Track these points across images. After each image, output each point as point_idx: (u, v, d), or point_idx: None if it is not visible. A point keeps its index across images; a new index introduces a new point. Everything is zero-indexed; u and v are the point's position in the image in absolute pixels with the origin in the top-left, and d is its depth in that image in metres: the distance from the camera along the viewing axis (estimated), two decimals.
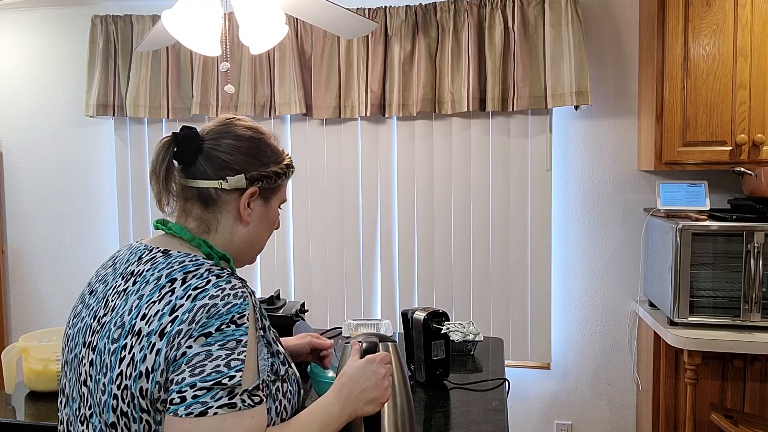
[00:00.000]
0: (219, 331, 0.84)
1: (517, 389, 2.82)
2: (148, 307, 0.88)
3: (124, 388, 0.85)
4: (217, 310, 0.85)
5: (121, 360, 0.86)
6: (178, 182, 0.99)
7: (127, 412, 0.85)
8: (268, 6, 1.64)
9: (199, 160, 0.98)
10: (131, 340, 0.86)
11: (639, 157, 2.62)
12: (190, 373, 0.81)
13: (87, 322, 0.95)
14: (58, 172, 3.18)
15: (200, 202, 0.99)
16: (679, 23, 2.28)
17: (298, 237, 2.92)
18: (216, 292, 0.87)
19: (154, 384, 0.83)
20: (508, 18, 2.57)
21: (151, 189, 0.99)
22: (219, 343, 0.83)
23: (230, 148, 0.99)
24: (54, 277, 3.23)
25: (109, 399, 0.86)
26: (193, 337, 0.83)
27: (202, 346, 0.83)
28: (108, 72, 2.92)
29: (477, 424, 1.40)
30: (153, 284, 0.90)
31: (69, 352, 0.97)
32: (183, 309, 0.85)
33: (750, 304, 2.09)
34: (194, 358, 0.82)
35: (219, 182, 0.97)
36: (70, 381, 0.96)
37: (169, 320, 0.85)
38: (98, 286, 0.99)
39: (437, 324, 1.66)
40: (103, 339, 0.90)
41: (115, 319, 0.90)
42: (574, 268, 2.74)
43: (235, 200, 1.00)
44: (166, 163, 0.97)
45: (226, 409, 0.81)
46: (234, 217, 1.01)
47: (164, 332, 0.84)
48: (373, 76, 2.68)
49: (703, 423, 2.17)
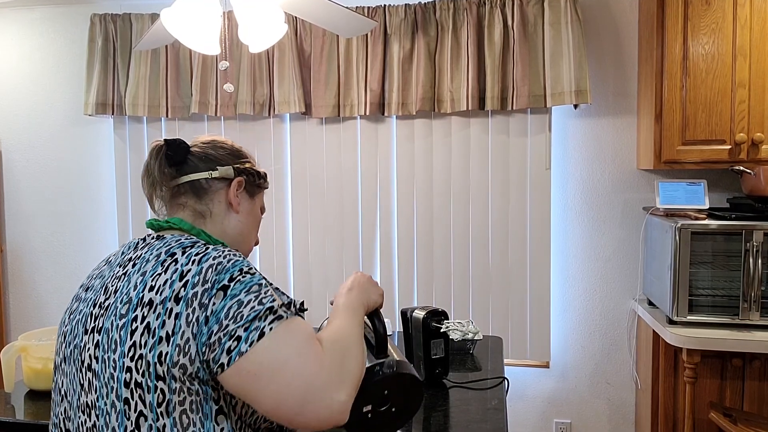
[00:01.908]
0: (234, 281, 0.89)
1: (516, 388, 2.82)
2: (154, 280, 0.91)
3: (139, 357, 0.86)
4: (224, 266, 0.90)
5: (133, 332, 0.88)
6: (170, 182, 1.07)
7: (142, 382, 0.86)
8: (267, 4, 1.64)
9: (189, 157, 1.09)
10: (142, 312, 0.88)
11: (638, 156, 2.62)
12: (233, 321, 0.86)
13: (85, 312, 0.96)
14: (57, 171, 3.18)
15: (193, 194, 1.08)
16: (679, 22, 2.28)
17: (297, 236, 2.92)
18: (217, 254, 0.92)
19: (174, 347, 0.85)
20: (507, 17, 2.57)
21: (144, 191, 1.10)
22: (243, 291, 0.88)
23: (215, 148, 1.12)
24: (53, 276, 3.22)
25: (121, 374, 0.87)
26: (212, 294, 0.87)
27: (228, 299, 0.87)
28: (107, 71, 2.91)
29: (476, 423, 1.40)
30: (153, 261, 0.94)
31: (66, 347, 0.98)
32: (192, 272, 0.89)
33: (749, 303, 2.09)
34: (229, 311, 0.86)
35: (209, 172, 1.08)
36: (68, 375, 0.96)
37: (180, 285, 0.88)
38: (94, 281, 1.01)
39: (436, 323, 1.66)
40: (110, 318, 0.91)
41: (120, 298, 0.92)
42: (573, 266, 2.74)
43: (224, 189, 1.09)
44: (158, 161, 1.07)
45: (277, 322, 0.87)
46: (225, 207, 1.10)
47: (179, 297, 0.87)
48: (373, 75, 2.68)
49: (702, 422, 2.17)
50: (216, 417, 0.88)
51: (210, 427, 0.87)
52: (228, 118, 2.94)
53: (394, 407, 1.06)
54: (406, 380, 1.06)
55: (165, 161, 1.07)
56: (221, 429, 0.88)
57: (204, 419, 0.87)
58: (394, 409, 1.06)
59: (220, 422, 0.88)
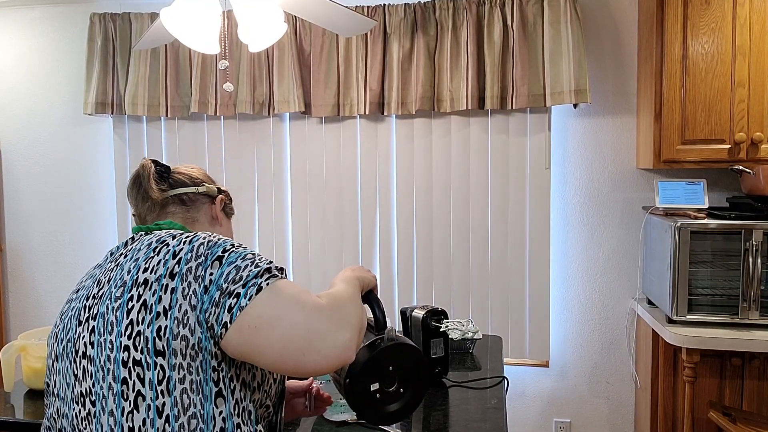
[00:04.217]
0: (227, 252, 0.92)
1: (515, 387, 2.82)
2: (148, 263, 0.93)
3: (137, 334, 0.87)
4: (214, 242, 0.94)
5: (129, 310, 0.89)
6: (159, 195, 1.13)
7: (140, 359, 0.86)
8: (267, 4, 1.64)
9: (174, 175, 1.17)
10: (137, 291, 0.90)
11: (638, 156, 2.62)
12: (232, 282, 0.89)
13: (78, 307, 0.97)
14: (56, 171, 3.18)
15: (180, 205, 1.15)
16: (678, 21, 2.28)
17: (296, 235, 2.92)
18: (206, 235, 0.97)
19: (173, 320, 0.87)
20: (507, 16, 2.57)
21: (133, 206, 1.16)
22: (239, 258, 0.92)
23: (194, 171, 1.22)
24: (53, 276, 3.22)
25: (119, 353, 0.87)
26: (207, 265, 0.90)
27: (225, 266, 0.90)
28: (106, 70, 2.91)
29: (476, 422, 1.40)
30: (145, 249, 0.96)
31: (58, 344, 0.98)
32: (184, 251, 0.92)
33: (748, 302, 2.09)
34: (228, 275, 0.89)
35: (195, 188, 1.17)
36: (60, 372, 0.96)
37: (174, 262, 0.91)
38: (85, 282, 1.03)
39: (436, 322, 1.66)
40: (105, 302, 0.92)
41: (114, 284, 0.93)
42: (572, 266, 2.74)
43: (208, 204, 1.18)
44: (149, 176, 1.13)
45: (273, 279, 0.90)
46: (209, 219, 1.18)
47: (174, 273, 0.90)
48: (372, 75, 2.68)
49: (702, 421, 2.17)
50: (215, 399, 0.89)
51: (209, 409, 0.88)
52: (227, 117, 2.94)
53: (402, 387, 1.05)
54: (408, 352, 1.05)
55: (156, 175, 1.14)
56: (219, 412, 0.88)
57: (204, 401, 0.87)
58: (402, 390, 1.05)
59: (219, 405, 0.89)
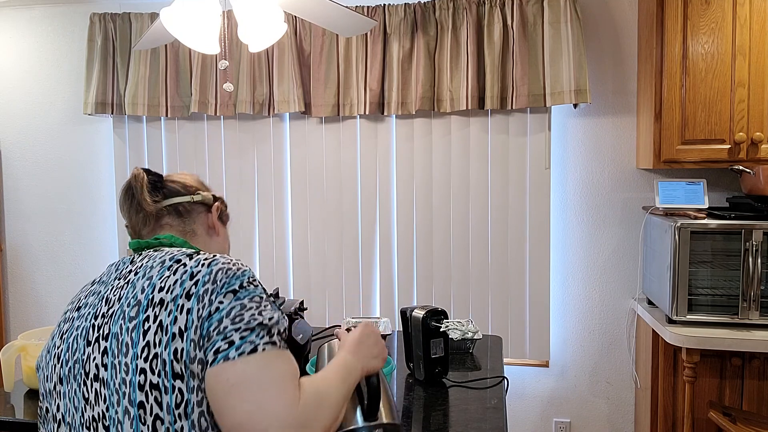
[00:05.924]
0: (242, 288, 0.91)
1: (515, 387, 2.82)
2: (163, 282, 0.91)
3: (154, 357, 0.85)
4: (233, 272, 0.93)
5: (146, 332, 0.87)
6: (153, 205, 1.11)
7: (158, 383, 0.85)
8: (266, 4, 1.64)
9: (168, 184, 1.14)
10: (153, 311, 0.88)
11: (638, 156, 2.62)
12: (232, 322, 0.87)
13: (86, 326, 0.94)
14: (56, 171, 3.18)
15: (176, 215, 1.12)
16: (678, 21, 2.28)
17: (296, 235, 2.92)
18: (225, 260, 0.95)
19: (189, 342, 0.86)
20: (507, 16, 2.57)
21: (126, 218, 1.12)
22: (248, 297, 0.91)
23: (188, 179, 1.19)
24: (52, 275, 3.22)
25: (135, 377, 0.85)
26: (221, 293, 0.89)
27: (234, 300, 0.89)
28: (106, 70, 2.91)
29: (475, 422, 1.40)
30: (159, 267, 0.94)
31: (62, 366, 0.94)
32: (202, 273, 0.91)
33: (748, 302, 2.09)
34: (231, 311, 0.88)
35: (190, 197, 1.14)
36: (67, 395, 0.93)
37: (191, 283, 0.90)
38: (87, 299, 0.99)
39: (436, 322, 1.66)
40: (118, 323, 0.90)
41: (128, 301, 0.91)
42: (572, 266, 2.74)
43: (204, 213, 1.16)
44: (142, 186, 1.10)
45: (270, 347, 0.87)
46: (206, 230, 1.16)
47: (190, 294, 0.89)
48: (372, 75, 2.68)
49: (702, 421, 2.17)
50: None
51: None
52: (227, 117, 2.94)
53: None
54: None
55: (149, 186, 1.11)
56: None
57: None
58: None
59: None
